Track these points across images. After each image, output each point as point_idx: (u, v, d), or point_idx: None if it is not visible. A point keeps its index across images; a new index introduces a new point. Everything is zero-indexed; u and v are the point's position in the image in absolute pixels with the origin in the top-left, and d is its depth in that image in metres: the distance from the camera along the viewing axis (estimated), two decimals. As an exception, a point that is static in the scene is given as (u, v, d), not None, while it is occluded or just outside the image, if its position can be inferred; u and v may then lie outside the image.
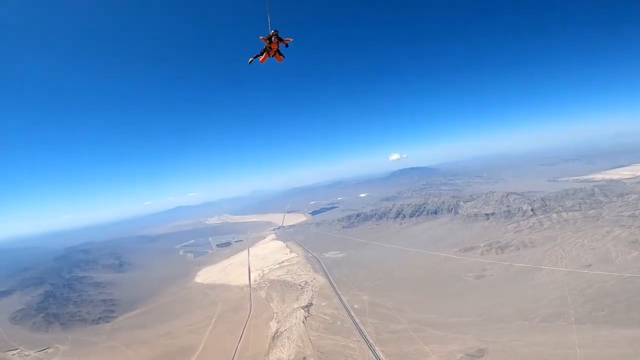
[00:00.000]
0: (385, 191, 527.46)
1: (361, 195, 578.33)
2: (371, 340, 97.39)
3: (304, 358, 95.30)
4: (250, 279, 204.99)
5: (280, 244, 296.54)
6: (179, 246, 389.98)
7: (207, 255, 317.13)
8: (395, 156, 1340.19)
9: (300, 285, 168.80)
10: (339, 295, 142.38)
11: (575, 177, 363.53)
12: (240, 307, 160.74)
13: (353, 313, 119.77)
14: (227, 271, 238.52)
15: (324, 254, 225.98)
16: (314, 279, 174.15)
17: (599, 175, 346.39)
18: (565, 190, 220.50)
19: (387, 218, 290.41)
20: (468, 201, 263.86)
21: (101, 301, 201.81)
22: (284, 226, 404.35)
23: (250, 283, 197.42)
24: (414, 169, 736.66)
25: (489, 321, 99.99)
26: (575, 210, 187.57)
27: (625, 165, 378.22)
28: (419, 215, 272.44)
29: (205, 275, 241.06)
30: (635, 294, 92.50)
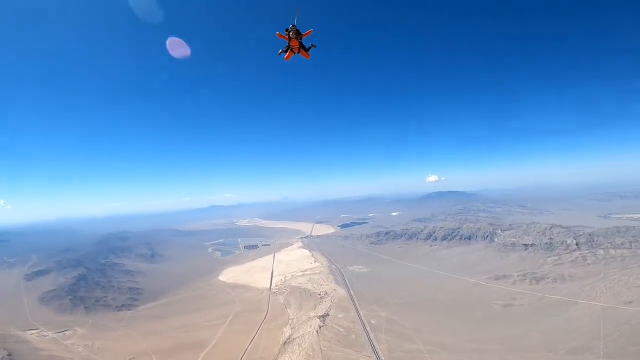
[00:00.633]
0: (418, 212, 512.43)
1: (393, 213, 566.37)
2: (383, 358, 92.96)
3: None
4: (271, 283, 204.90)
5: (306, 252, 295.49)
6: (209, 243, 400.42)
7: (234, 255, 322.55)
8: (432, 178, 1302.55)
9: (319, 294, 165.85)
10: (357, 308, 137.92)
11: (630, 215, 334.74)
12: (257, 309, 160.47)
13: (369, 328, 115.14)
14: (251, 273, 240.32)
15: (348, 267, 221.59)
16: (335, 290, 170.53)
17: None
18: (617, 227, 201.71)
19: (417, 239, 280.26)
20: (506, 230, 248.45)
21: (128, 289, 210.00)
22: (312, 235, 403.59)
23: (271, 287, 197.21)
24: (452, 192, 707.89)
25: (510, 350, 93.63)
26: (625, 247, 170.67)
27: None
28: (451, 239, 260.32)
29: (229, 275, 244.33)
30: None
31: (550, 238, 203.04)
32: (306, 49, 26.68)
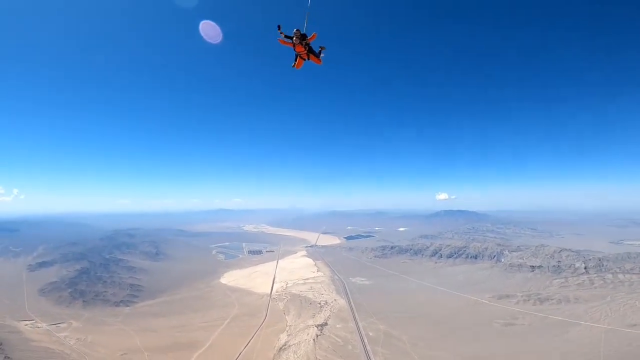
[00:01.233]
0: (425, 229, 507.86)
1: (400, 228, 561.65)
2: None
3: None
4: (272, 289, 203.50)
5: (309, 261, 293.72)
6: (213, 246, 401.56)
7: (237, 259, 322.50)
8: (442, 196, 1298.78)
9: (319, 303, 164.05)
10: (356, 320, 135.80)
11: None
12: (256, 314, 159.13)
13: (366, 340, 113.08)
14: (252, 277, 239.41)
15: (350, 278, 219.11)
16: (335, 300, 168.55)
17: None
18: (628, 253, 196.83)
19: (423, 255, 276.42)
20: (514, 251, 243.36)
21: (128, 285, 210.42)
22: (316, 245, 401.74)
23: (271, 293, 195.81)
24: (461, 212, 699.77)
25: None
26: (634, 273, 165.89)
27: None
28: (457, 257, 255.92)
29: (231, 278, 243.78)
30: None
31: (559, 261, 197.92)
32: (316, 54, 25.09)
